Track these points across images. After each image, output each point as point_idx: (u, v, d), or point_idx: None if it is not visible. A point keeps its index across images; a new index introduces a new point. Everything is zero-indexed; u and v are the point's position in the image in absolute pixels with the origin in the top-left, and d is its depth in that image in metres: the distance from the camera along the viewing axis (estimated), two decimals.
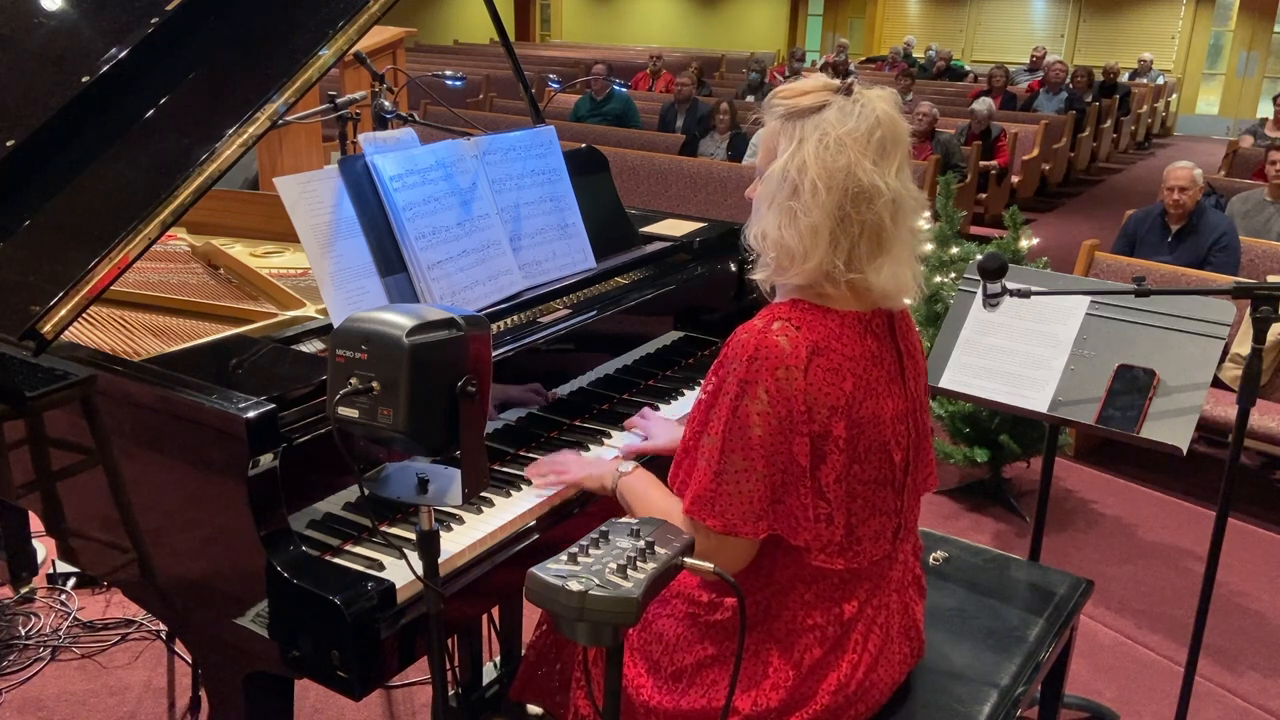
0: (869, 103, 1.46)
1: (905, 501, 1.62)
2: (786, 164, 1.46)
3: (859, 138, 1.44)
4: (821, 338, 1.47)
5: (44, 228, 1.85)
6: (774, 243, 1.48)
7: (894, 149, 1.47)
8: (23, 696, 2.72)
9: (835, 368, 1.47)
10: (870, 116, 1.45)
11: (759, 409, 1.44)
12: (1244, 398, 2.26)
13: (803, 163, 1.44)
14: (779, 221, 1.47)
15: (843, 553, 1.55)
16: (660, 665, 1.66)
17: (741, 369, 1.45)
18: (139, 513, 1.67)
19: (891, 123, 1.46)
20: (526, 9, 20.36)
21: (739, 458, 1.46)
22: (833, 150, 1.43)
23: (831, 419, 1.47)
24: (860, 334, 1.51)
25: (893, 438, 1.56)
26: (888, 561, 1.64)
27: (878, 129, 1.45)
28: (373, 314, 1.38)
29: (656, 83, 12.47)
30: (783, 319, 1.48)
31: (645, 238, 2.52)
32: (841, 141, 1.43)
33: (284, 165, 5.20)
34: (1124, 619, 3.27)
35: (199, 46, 1.98)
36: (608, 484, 1.74)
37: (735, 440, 1.46)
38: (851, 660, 1.60)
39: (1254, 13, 17.18)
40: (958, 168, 7.73)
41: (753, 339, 1.46)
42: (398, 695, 2.74)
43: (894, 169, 1.47)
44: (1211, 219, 4.78)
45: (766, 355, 1.44)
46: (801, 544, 1.52)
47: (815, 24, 24.15)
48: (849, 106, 1.45)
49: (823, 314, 1.49)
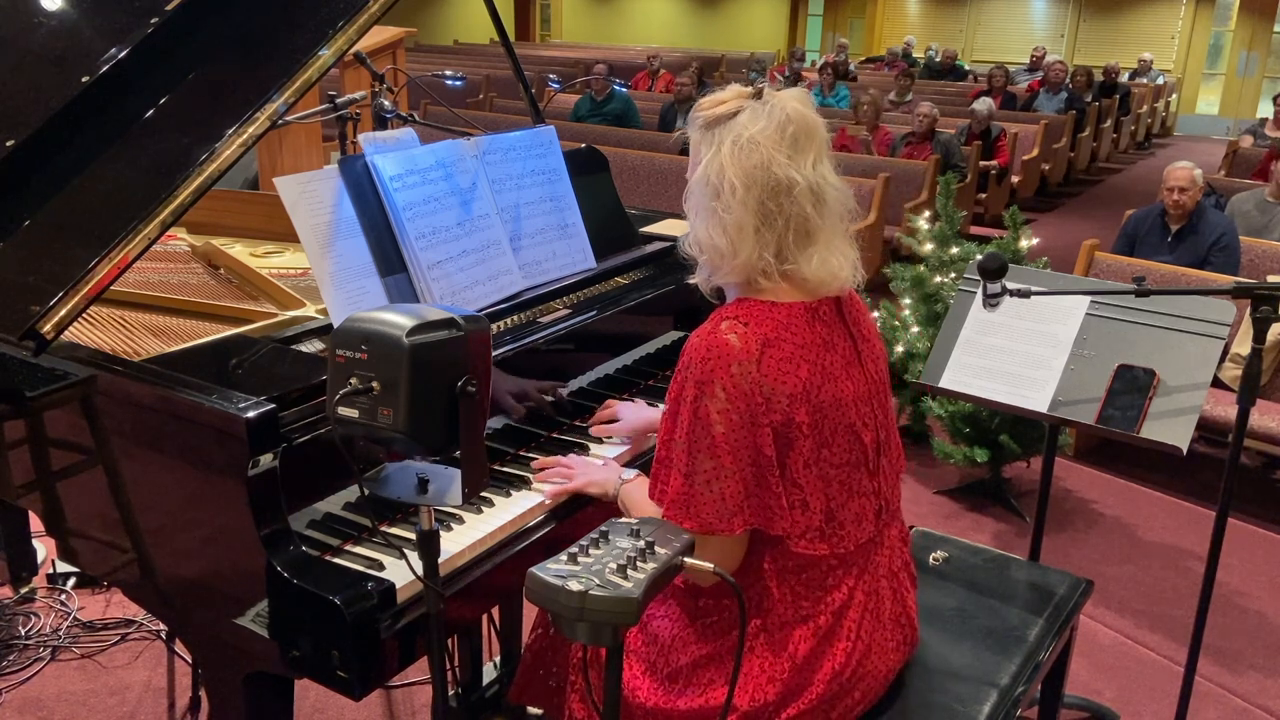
0: (779, 102, 1.52)
1: (882, 483, 1.65)
2: (706, 169, 1.53)
3: (771, 135, 1.50)
4: (770, 330, 1.51)
5: (44, 228, 1.85)
6: (704, 244, 1.55)
7: (807, 142, 1.52)
8: (23, 696, 2.72)
9: (788, 357, 1.51)
10: (780, 114, 1.51)
11: (718, 407, 1.48)
12: (1244, 398, 2.26)
13: (720, 166, 1.50)
14: (706, 224, 1.54)
15: (824, 538, 1.57)
16: (656, 666, 1.67)
17: (696, 371, 1.49)
18: (139, 513, 1.67)
19: (802, 118, 1.52)
20: (526, 9, 20.35)
21: (705, 457, 1.49)
22: (746, 149, 1.49)
23: (792, 406, 1.50)
24: (808, 322, 1.55)
25: (858, 419, 1.59)
26: (874, 546, 1.66)
27: (789, 125, 1.51)
28: (373, 314, 1.38)
29: (656, 83, 12.46)
30: (730, 318, 1.52)
31: (645, 238, 2.52)
32: (754, 140, 1.49)
33: (284, 165, 5.20)
34: (1124, 619, 3.27)
35: (199, 46, 1.98)
36: (610, 491, 1.77)
37: (700, 441, 1.49)
38: (844, 648, 1.61)
39: (1254, 13, 17.18)
40: (958, 168, 7.73)
41: (704, 341, 1.50)
42: (398, 695, 2.74)
43: (810, 161, 1.52)
44: (1211, 219, 4.78)
45: (719, 354, 1.48)
46: (780, 533, 1.54)
47: (815, 24, 24.15)
48: (760, 108, 1.51)
49: (769, 308, 1.54)
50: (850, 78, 12.74)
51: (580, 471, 1.84)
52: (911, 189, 7.15)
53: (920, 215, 4.40)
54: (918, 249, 4.28)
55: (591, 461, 1.91)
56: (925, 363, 2.61)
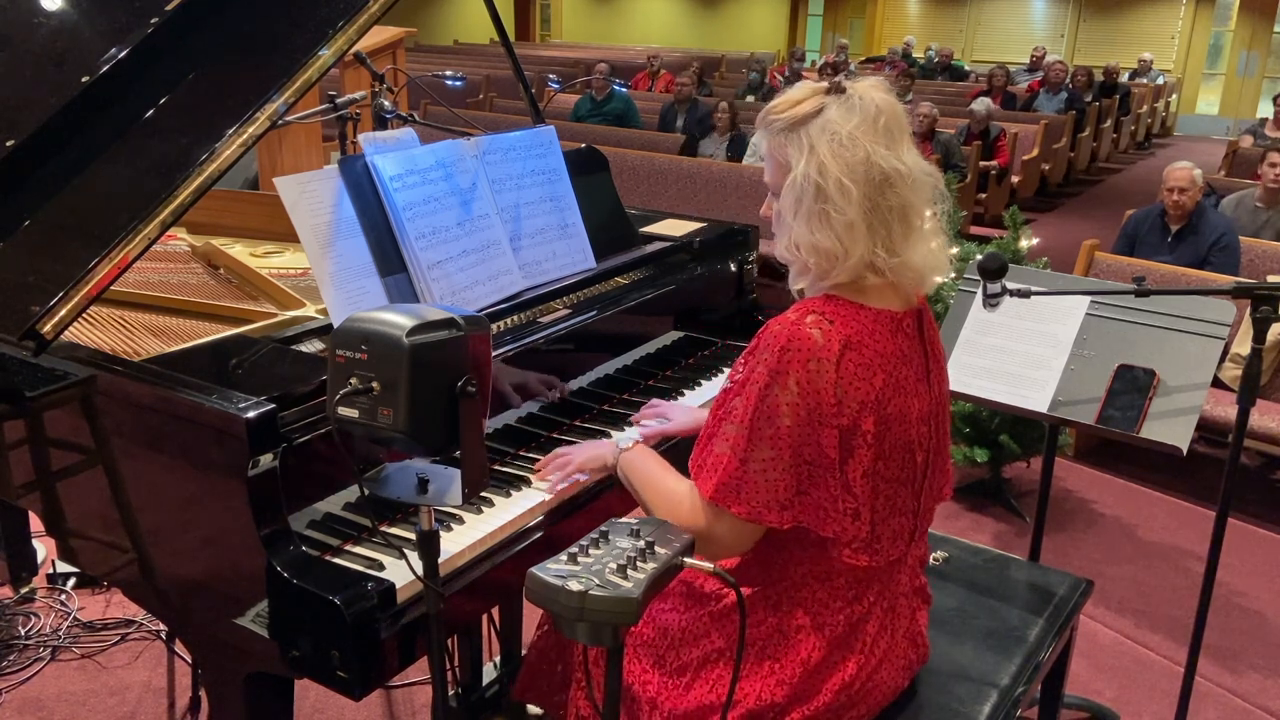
0: (865, 94, 1.48)
1: (922, 504, 1.63)
2: (805, 170, 1.47)
3: (867, 129, 1.46)
4: (854, 332, 1.48)
5: (44, 227, 1.85)
6: (810, 248, 1.49)
7: (900, 131, 1.50)
8: (23, 696, 2.72)
9: (867, 363, 1.48)
10: (871, 106, 1.47)
11: (788, 399, 1.45)
12: (1244, 398, 2.26)
13: (821, 165, 1.45)
14: (810, 227, 1.48)
15: (867, 549, 1.55)
16: (665, 660, 1.66)
17: (773, 359, 1.46)
18: (139, 513, 1.67)
19: (891, 107, 1.50)
20: (526, 9, 20.36)
21: (766, 446, 1.47)
22: (847, 146, 1.45)
23: (861, 414, 1.47)
24: (892, 332, 1.52)
25: (917, 438, 1.57)
26: (899, 564, 1.65)
27: (880, 116, 1.47)
28: (373, 314, 1.38)
29: (656, 83, 12.47)
30: (816, 312, 1.49)
31: (645, 238, 2.52)
32: (853, 136, 1.45)
33: (284, 165, 5.20)
34: (1124, 619, 3.27)
35: (199, 46, 1.98)
36: (609, 461, 1.74)
37: (763, 429, 1.47)
38: (858, 661, 1.60)
39: (1254, 13, 17.18)
40: (958, 168, 7.74)
41: (785, 330, 1.47)
42: (398, 695, 2.74)
43: (904, 149, 1.50)
44: (1211, 219, 4.78)
45: (799, 347, 1.45)
46: (830, 535, 1.52)
47: (815, 24, 24.16)
48: (847, 103, 1.48)
49: (856, 310, 1.50)
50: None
51: (575, 453, 1.82)
52: None
53: None
54: None
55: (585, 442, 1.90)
56: None
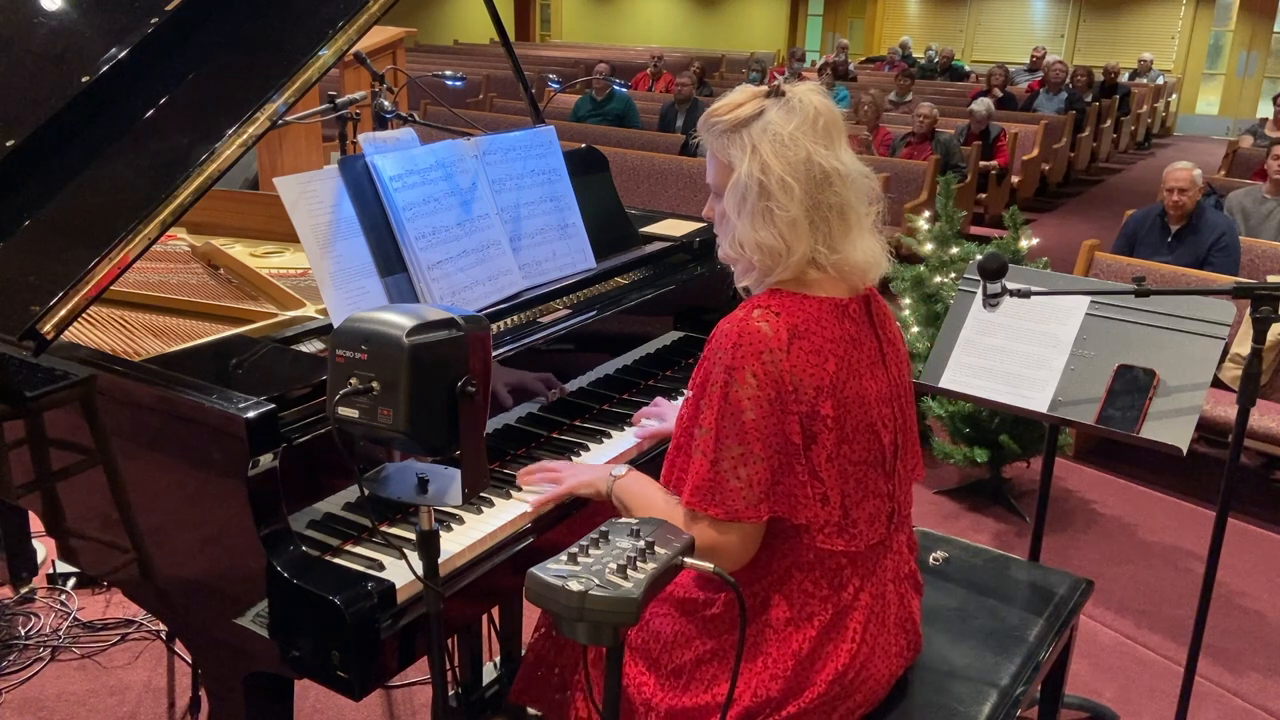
0: (804, 97, 1.54)
1: (897, 487, 1.66)
2: (749, 169, 1.52)
3: (807, 129, 1.52)
4: (800, 321, 1.52)
5: (44, 227, 1.85)
6: (754, 245, 1.54)
7: (837, 132, 1.56)
8: (23, 696, 2.72)
9: (816, 349, 1.52)
10: (810, 108, 1.53)
11: (749, 393, 1.48)
12: (1244, 398, 2.26)
13: (764, 164, 1.51)
14: (754, 225, 1.54)
15: (841, 533, 1.58)
16: (660, 663, 1.67)
17: (727, 357, 1.49)
18: (139, 513, 1.67)
19: (828, 109, 1.56)
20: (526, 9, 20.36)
21: (734, 443, 1.50)
22: (789, 145, 1.51)
23: (818, 398, 1.51)
24: (838, 318, 1.56)
25: (879, 419, 1.60)
26: (882, 549, 1.66)
27: (819, 118, 1.54)
28: (373, 314, 1.38)
29: (656, 83, 12.46)
30: (762, 307, 1.53)
31: (645, 238, 2.52)
32: (794, 136, 1.51)
33: (284, 165, 5.20)
34: (1124, 619, 3.27)
35: (199, 46, 1.98)
36: (602, 489, 1.75)
37: (729, 427, 1.50)
38: (849, 649, 1.61)
39: (1254, 13, 17.18)
40: (958, 168, 7.73)
41: (735, 328, 1.51)
42: (398, 695, 2.74)
43: (841, 149, 1.56)
44: (1211, 219, 4.78)
45: (750, 341, 1.49)
46: (803, 522, 1.55)
47: (815, 24, 24.14)
48: (787, 105, 1.53)
49: (800, 300, 1.55)
50: (850, 78, 12.75)
51: (569, 473, 1.82)
52: (911, 189, 7.15)
53: (920, 215, 4.40)
54: (918, 249, 4.28)
55: (579, 463, 1.90)
56: (925, 363, 2.61)
